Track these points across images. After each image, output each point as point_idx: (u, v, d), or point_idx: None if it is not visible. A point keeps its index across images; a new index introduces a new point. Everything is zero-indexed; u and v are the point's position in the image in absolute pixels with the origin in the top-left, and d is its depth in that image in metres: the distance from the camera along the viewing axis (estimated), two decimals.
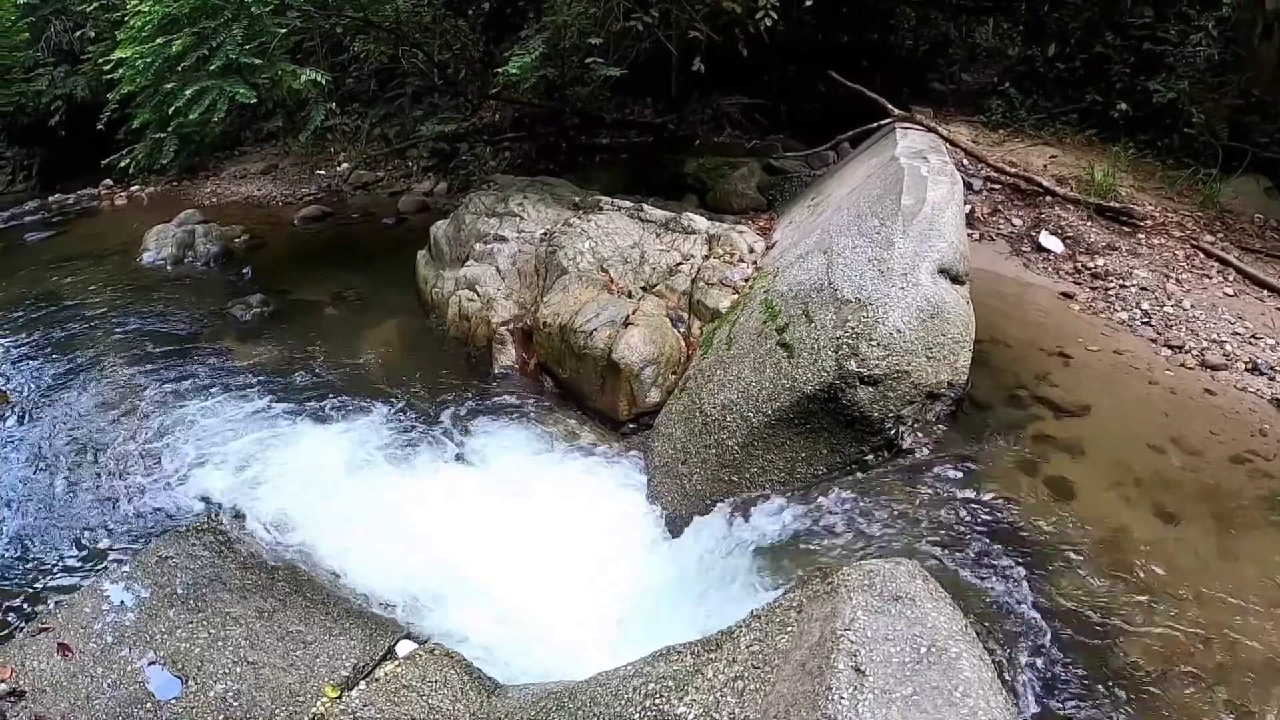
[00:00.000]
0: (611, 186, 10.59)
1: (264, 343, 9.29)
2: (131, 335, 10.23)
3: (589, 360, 6.51)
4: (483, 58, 14.20)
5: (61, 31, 32.65)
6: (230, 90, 10.22)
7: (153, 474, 6.69)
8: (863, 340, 4.68)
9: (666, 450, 5.61)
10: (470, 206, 9.51)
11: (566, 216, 8.50)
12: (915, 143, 7.67)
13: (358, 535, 5.57)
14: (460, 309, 8.31)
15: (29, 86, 31.73)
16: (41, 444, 7.65)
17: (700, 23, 10.17)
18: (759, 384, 5.08)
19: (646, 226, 7.88)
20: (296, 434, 6.97)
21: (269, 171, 22.55)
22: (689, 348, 6.44)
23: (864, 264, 5.15)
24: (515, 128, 13.67)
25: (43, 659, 4.27)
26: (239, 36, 10.38)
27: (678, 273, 7.10)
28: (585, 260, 7.47)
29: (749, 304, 6.06)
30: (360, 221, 15.57)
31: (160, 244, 14.35)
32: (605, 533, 5.40)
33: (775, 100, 11.81)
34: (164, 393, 8.19)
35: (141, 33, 11.30)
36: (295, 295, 10.85)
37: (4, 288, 14.50)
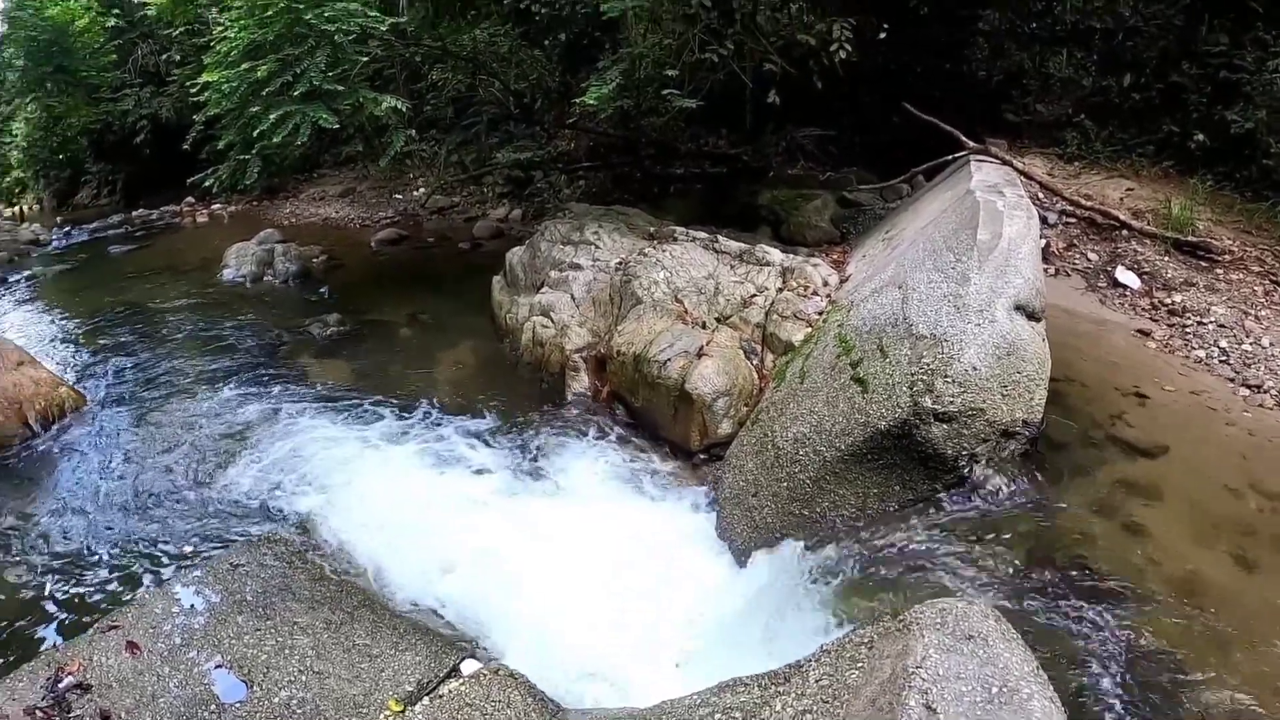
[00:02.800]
0: (686, 217, 10.63)
1: (340, 361, 9.47)
2: (210, 348, 10.49)
3: (662, 390, 6.53)
4: (559, 87, 14.33)
5: (148, 54, 33.66)
6: (313, 115, 10.46)
7: (226, 483, 6.85)
8: (938, 377, 4.65)
9: (737, 482, 5.60)
10: (546, 234, 9.59)
11: (641, 246, 8.57)
12: (990, 176, 7.63)
13: (427, 553, 5.63)
14: (535, 335, 8.40)
15: (116, 106, 32.78)
16: (117, 447, 7.88)
17: (775, 55, 10.22)
18: (832, 418, 5.06)
19: (721, 258, 7.92)
20: (369, 452, 7.09)
21: (347, 194, 22.90)
22: (762, 380, 6.44)
23: (939, 299, 5.13)
24: (590, 157, 13.77)
25: (111, 655, 4.37)
26: (322, 63, 10.63)
27: (752, 304, 7.12)
28: (660, 290, 7.52)
29: (823, 337, 6.05)
30: (436, 245, 15.71)
31: (240, 261, 14.65)
32: (673, 562, 5.41)
33: (849, 132, 11.82)
34: (240, 405, 8.39)
35: (228, 58, 11.65)
36: (371, 316, 11.00)
37: (88, 297, 14.95)
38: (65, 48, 32.39)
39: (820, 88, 10.33)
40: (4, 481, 7.51)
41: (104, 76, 34.40)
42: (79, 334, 12.43)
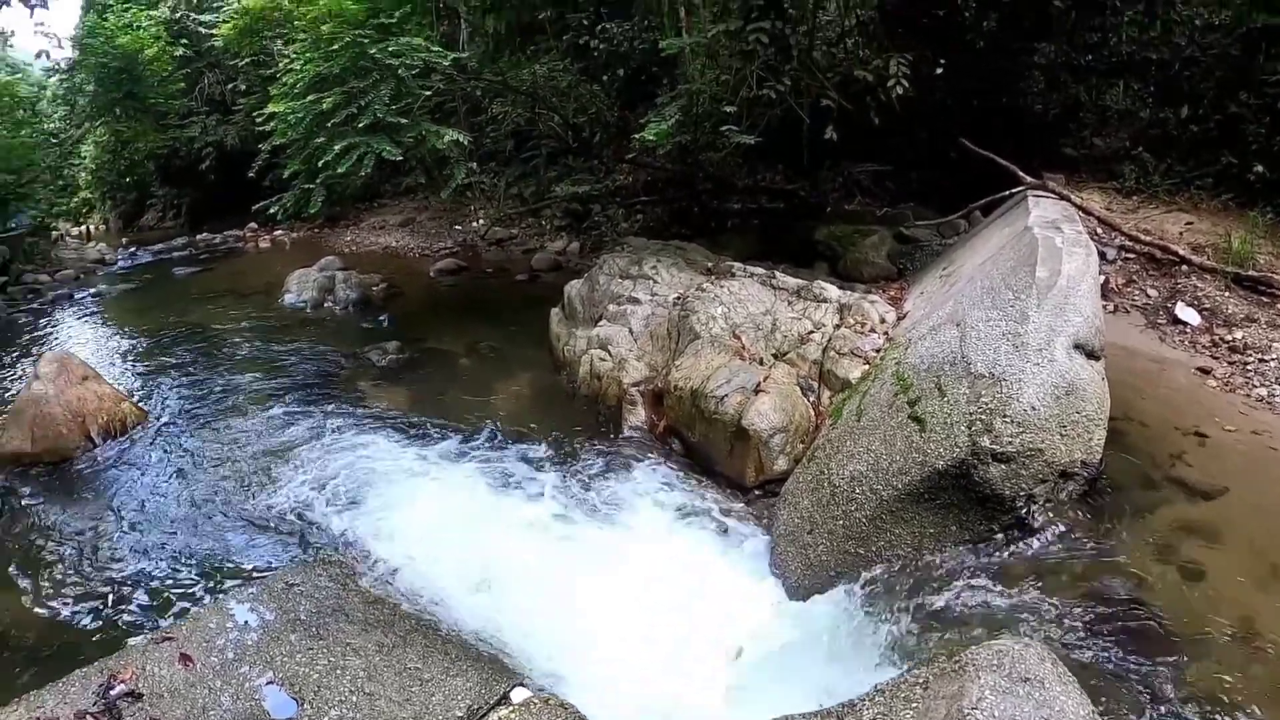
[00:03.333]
0: (743, 252, 10.70)
1: (399, 388, 9.63)
2: (270, 370, 10.71)
3: (719, 425, 6.55)
4: (617, 122, 14.45)
5: (214, 83, 34.51)
6: (377, 147, 10.68)
7: (282, 502, 6.98)
8: (996, 416, 4.64)
9: (792, 519, 5.61)
10: (604, 268, 9.68)
11: (699, 281, 8.63)
12: (1048, 212, 7.61)
13: (480, 581, 5.67)
14: (592, 368, 8.47)
15: (182, 132, 33.59)
16: (176, 463, 8.07)
17: (832, 91, 10.26)
18: (889, 457, 5.07)
19: (779, 294, 7.97)
20: (426, 478, 7.18)
21: (407, 224, 23.15)
22: (818, 417, 6.45)
23: (998, 338, 5.13)
24: (648, 191, 13.88)
25: (163, 666, 4.44)
26: (386, 97, 10.85)
27: (809, 341, 7.15)
28: (718, 325, 7.57)
29: (880, 375, 6.06)
30: (494, 276, 15.84)
31: (301, 287, 14.90)
32: (726, 597, 5.41)
33: (906, 167, 11.84)
34: (299, 427, 8.55)
35: (294, 89, 11.94)
36: (430, 344, 11.17)
37: (152, 316, 15.32)
38: (135, 75, 33.28)
39: (877, 123, 10.36)
40: (65, 492, 7.76)
41: (172, 104, 35.33)
42: (142, 352, 12.77)
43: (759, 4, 10.77)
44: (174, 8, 37.56)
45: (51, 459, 8.25)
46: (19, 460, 8.24)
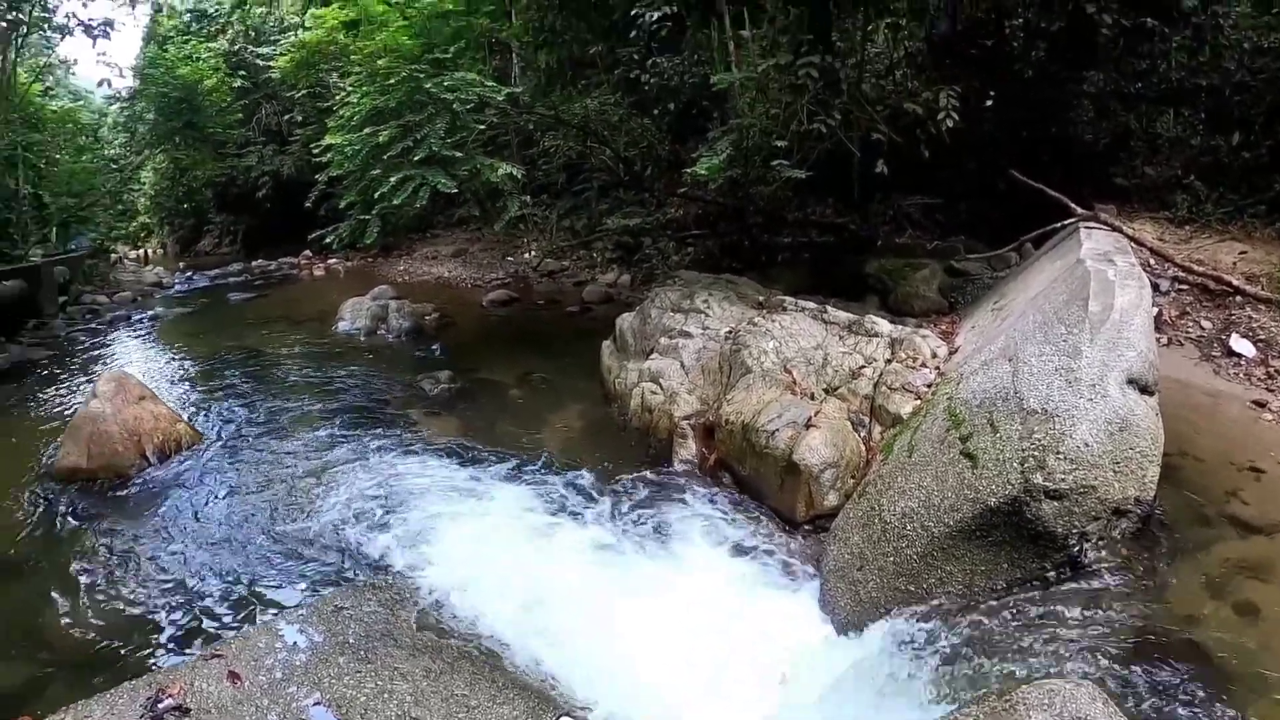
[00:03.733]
0: (794, 286, 10.72)
1: (450, 417, 9.73)
2: (323, 395, 10.89)
3: (769, 460, 6.57)
4: (668, 155, 14.55)
5: (271, 114, 35.34)
6: (432, 180, 10.90)
7: (332, 527, 7.06)
8: (1049, 453, 4.62)
9: (842, 555, 5.60)
10: (656, 301, 9.75)
11: (751, 315, 8.67)
12: (1100, 243, 7.60)
13: (528, 609, 5.70)
14: (643, 401, 8.52)
15: (240, 161, 34.42)
16: (229, 484, 8.21)
17: (882, 124, 10.29)
18: (940, 493, 5.06)
19: (830, 328, 7.99)
20: (477, 507, 7.23)
21: (459, 255, 23.39)
22: (869, 452, 6.45)
23: (1051, 373, 5.11)
24: (699, 224, 13.95)
25: (212, 683, 4.54)
26: (441, 130, 11.06)
27: (860, 376, 7.16)
28: (769, 360, 7.61)
29: (932, 410, 6.05)
30: (546, 308, 15.98)
31: (355, 315, 15.17)
32: (775, 634, 5.39)
33: (956, 200, 11.83)
34: (351, 452, 8.67)
35: (351, 122, 12.19)
36: (482, 374, 11.30)
37: (208, 339, 15.71)
38: (194, 105, 34.17)
39: (927, 156, 10.38)
40: (119, 508, 7.91)
41: (229, 133, 36.26)
42: (198, 374, 13.09)
43: (808, 38, 10.86)
44: (232, 40, 38.53)
45: (107, 476, 8.43)
46: (75, 476, 8.44)
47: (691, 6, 13.23)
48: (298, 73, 30.34)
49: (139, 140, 39.48)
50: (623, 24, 14.60)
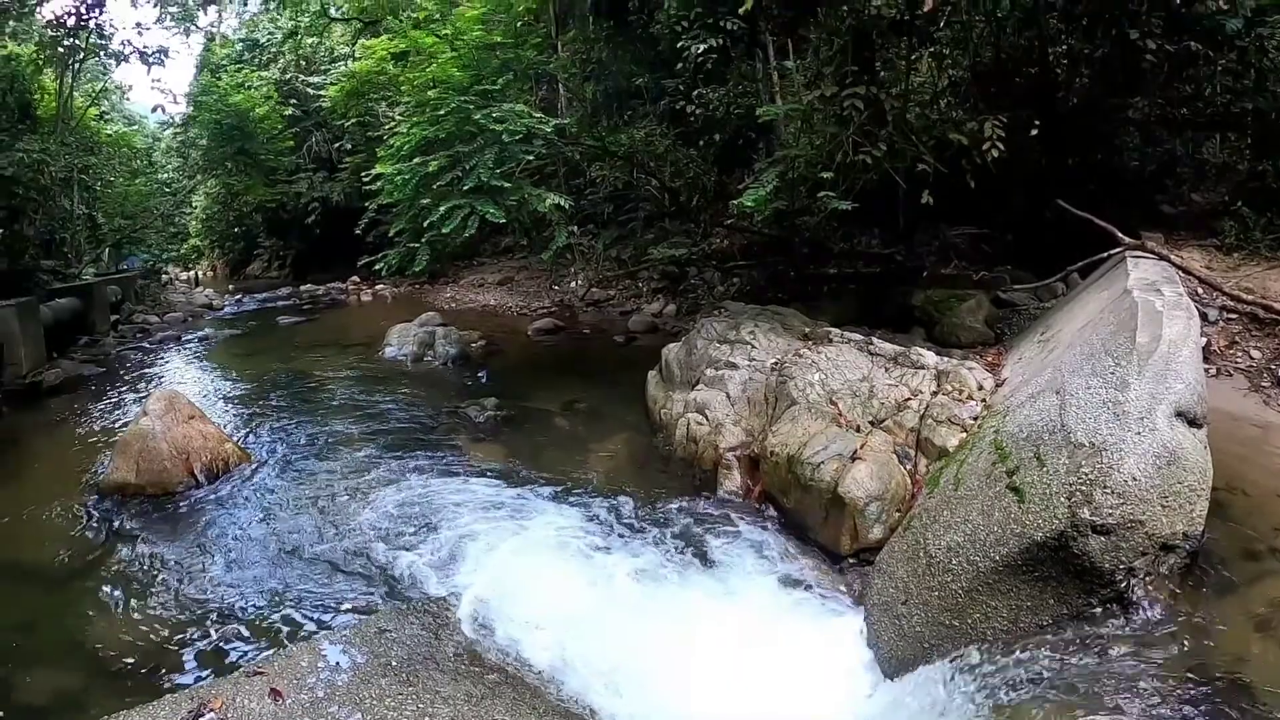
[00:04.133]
0: (839, 317, 10.72)
1: (496, 444, 9.81)
2: (370, 420, 11.00)
3: (814, 492, 6.57)
4: (714, 186, 14.62)
5: (321, 142, 36.07)
6: (481, 209, 11.08)
7: (378, 549, 7.13)
8: (1097, 487, 4.56)
9: (886, 589, 5.57)
10: (702, 332, 9.78)
11: (797, 347, 8.69)
12: (1147, 273, 7.53)
13: (570, 637, 5.70)
14: (689, 431, 8.56)
15: (290, 187, 35.17)
16: (275, 504, 8.34)
17: (927, 155, 10.29)
18: (986, 527, 5.01)
19: (876, 360, 7.98)
20: (521, 533, 7.28)
21: (505, 283, 23.63)
22: (915, 486, 6.41)
23: (1098, 406, 5.05)
24: (745, 255, 14.00)
25: (253, 699, 4.60)
26: (490, 161, 11.21)
27: (906, 408, 7.13)
28: (815, 392, 7.62)
29: (978, 443, 6.01)
30: (591, 337, 16.10)
31: (402, 341, 15.43)
32: (817, 668, 5.37)
33: (1002, 230, 11.78)
34: (396, 477, 8.77)
35: (401, 151, 12.38)
36: (527, 402, 11.37)
37: (257, 361, 16.11)
38: (246, 132, 35.15)
39: (972, 186, 10.36)
40: (165, 523, 8.09)
41: (280, 160, 37.18)
42: (246, 395, 13.34)
43: (853, 69, 10.90)
44: (284, 69, 39.49)
45: (154, 491, 8.64)
46: (123, 490, 8.67)
47: (736, 39, 13.31)
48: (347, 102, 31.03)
49: (192, 165, 40.66)
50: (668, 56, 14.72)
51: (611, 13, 17.00)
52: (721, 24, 13.03)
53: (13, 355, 14.61)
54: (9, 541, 8.09)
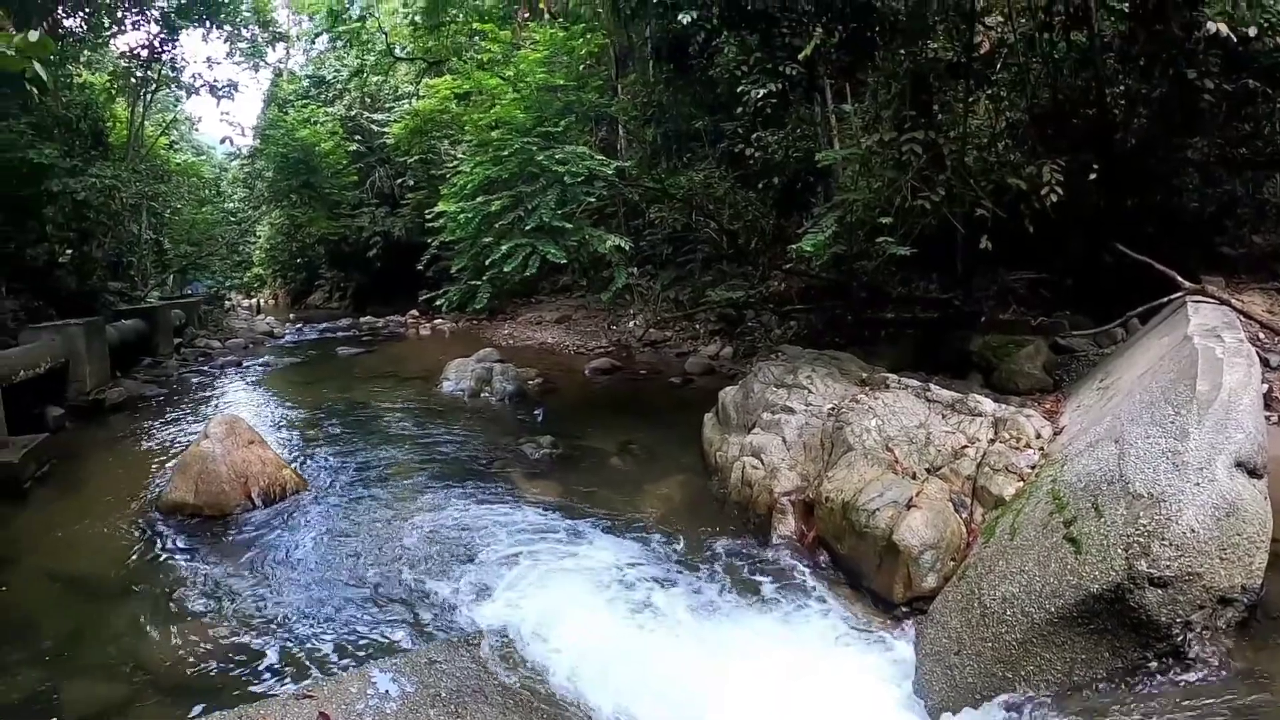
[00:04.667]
0: (897, 362, 10.72)
1: (550, 481, 9.89)
2: (427, 452, 11.17)
3: (869, 539, 6.55)
4: (772, 229, 14.67)
5: (384, 178, 36.93)
6: (543, 249, 11.28)
7: (430, 580, 7.21)
8: (1154, 539, 4.52)
9: (939, 638, 5.54)
10: (759, 376, 9.82)
11: (854, 393, 8.69)
12: (1208, 319, 7.46)
13: (617, 677, 5.70)
14: (744, 475, 8.57)
15: (353, 221, 36.07)
16: (329, 532, 8.48)
17: (986, 199, 10.29)
18: (1042, 578, 4.98)
19: (933, 406, 7.97)
20: (574, 570, 7.33)
21: (563, 321, 23.85)
22: (970, 534, 6.37)
23: (1157, 455, 5.00)
24: (802, 299, 14.02)
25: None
26: (552, 202, 11.38)
27: (963, 456, 7.09)
28: (871, 438, 7.61)
29: (1035, 493, 5.97)
30: (648, 378, 16.17)
31: (460, 376, 15.67)
32: (867, 715, 5.35)
33: (1061, 274, 11.69)
34: (451, 509, 8.90)
35: (464, 190, 12.60)
36: (583, 441, 11.48)
37: (316, 390, 16.48)
38: (311, 165, 36.20)
39: (1031, 230, 10.33)
40: (221, 545, 8.28)
41: (344, 194, 38.20)
42: (305, 423, 13.60)
43: (910, 114, 10.94)
44: (349, 106, 40.47)
45: (211, 513, 8.87)
46: (180, 509, 8.91)
47: (795, 83, 13.41)
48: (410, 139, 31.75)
49: (257, 196, 41.94)
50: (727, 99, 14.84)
51: (672, 57, 17.22)
52: (781, 69, 13.16)
53: (78, 372, 15.14)
54: (66, 552, 8.36)
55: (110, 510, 9.40)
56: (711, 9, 13.89)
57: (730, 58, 14.70)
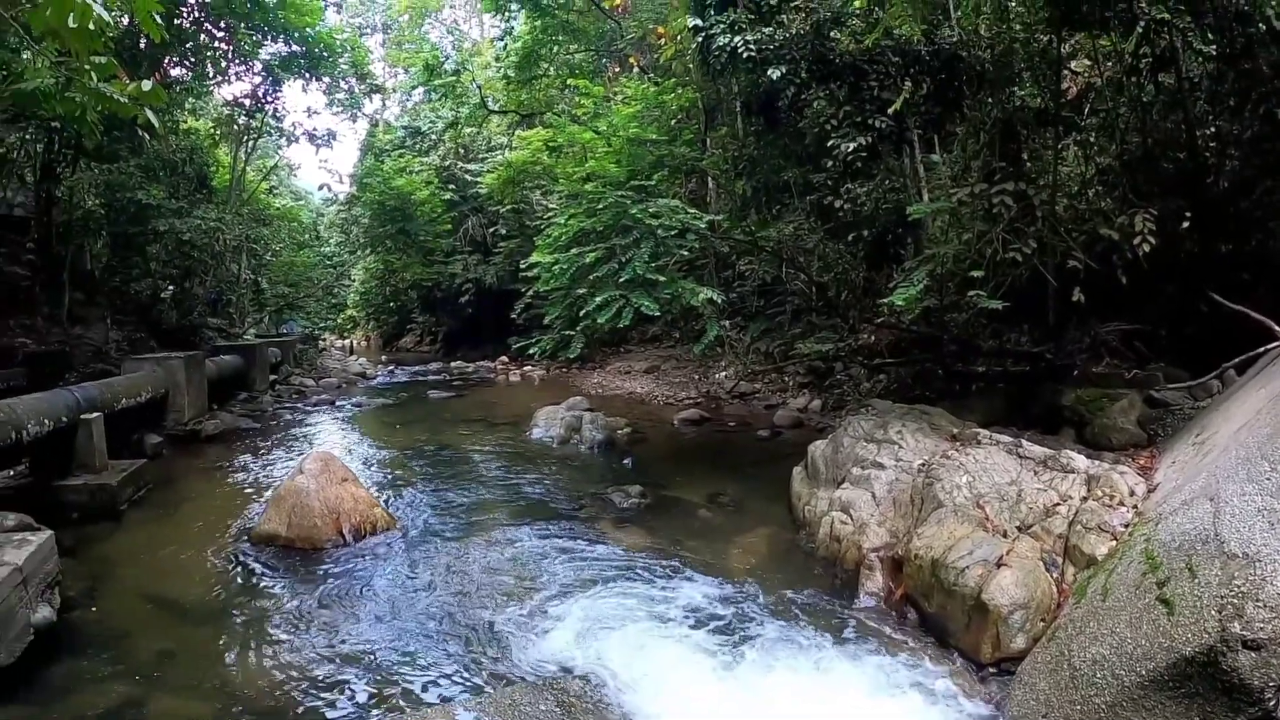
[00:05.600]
0: (987, 417, 10.64)
1: (638, 529, 9.95)
2: (515, 497, 11.39)
3: (957, 597, 6.51)
4: (862, 281, 14.68)
5: (477, 226, 37.84)
6: (636, 302, 11.44)
7: (516, 623, 7.30)
8: (1249, 600, 4.44)
9: (1027, 700, 5.48)
10: (849, 430, 9.83)
11: (944, 448, 8.66)
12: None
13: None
14: (832, 530, 8.59)
15: (446, 268, 37.05)
16: (419, 571, 8.64)
17: (1078, 250, 10.22)
18: (1134, 640, 4.92)
19: (1024, 463, 7.90)
20: (658, 619, 7.35)
21: (651, 371, 24.01)
22: (1061, 595, 6.29)
23: (1253, 514, 4.93)
24: (892, 352, 13.97)
25: None
26: (646, 255, 11.52)
27: (1054, 514, 7.02)
28: (962, 495, 7.57)
29: (1128, 552, 5.89)
30: (736, 430, 16.24)
31: (549, 423, 15.90)
32: None
33: (1154, 325, 11.48)
34: (536, 555, 9.03)
35: (558, 241, 12.88)
36: (670, 491, 11.55)
37: (406, 431, 16.96)
38: (407, 213, 37.56)
39: (1124, 282, 10.22)
40: (311, 577, 8.53)
41: (438, 241, 39.27)
42: (395, 463, 13.90)
43: (1000, 165, 10.92)
44: (444, 156, 41.33)
45: (303, 546, 9.18)
46: (272, 540, 9.27)
47: (884, 136, 13.46)
48: (503, 189, 32.56)
49: (353, 240, 43.47)
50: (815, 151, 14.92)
51: (761, 111, 17.35)
52: (870, 122, 13.22)
53: (177, 403, 15.97)
54: (160, 574, 8.73)
55: (203, 536, 9.82)
56: (800, 64, 14.03)
57: (819, 111, 14.77)
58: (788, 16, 14.41)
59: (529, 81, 33.94)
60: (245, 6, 23.85)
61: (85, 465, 11.09)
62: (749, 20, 14.66)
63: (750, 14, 14.81)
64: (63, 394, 11.52)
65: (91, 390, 12.34)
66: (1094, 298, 10.46)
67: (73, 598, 7.80)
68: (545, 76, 33.78)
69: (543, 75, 33.66)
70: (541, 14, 31.12)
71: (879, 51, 13.50)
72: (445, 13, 63.47)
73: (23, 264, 19.69)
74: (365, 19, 60.85)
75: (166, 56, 22.70)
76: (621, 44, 29.18)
